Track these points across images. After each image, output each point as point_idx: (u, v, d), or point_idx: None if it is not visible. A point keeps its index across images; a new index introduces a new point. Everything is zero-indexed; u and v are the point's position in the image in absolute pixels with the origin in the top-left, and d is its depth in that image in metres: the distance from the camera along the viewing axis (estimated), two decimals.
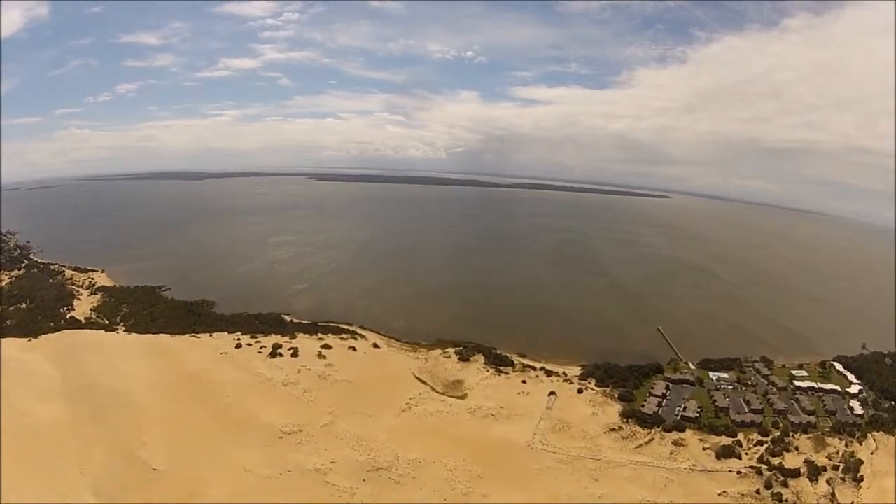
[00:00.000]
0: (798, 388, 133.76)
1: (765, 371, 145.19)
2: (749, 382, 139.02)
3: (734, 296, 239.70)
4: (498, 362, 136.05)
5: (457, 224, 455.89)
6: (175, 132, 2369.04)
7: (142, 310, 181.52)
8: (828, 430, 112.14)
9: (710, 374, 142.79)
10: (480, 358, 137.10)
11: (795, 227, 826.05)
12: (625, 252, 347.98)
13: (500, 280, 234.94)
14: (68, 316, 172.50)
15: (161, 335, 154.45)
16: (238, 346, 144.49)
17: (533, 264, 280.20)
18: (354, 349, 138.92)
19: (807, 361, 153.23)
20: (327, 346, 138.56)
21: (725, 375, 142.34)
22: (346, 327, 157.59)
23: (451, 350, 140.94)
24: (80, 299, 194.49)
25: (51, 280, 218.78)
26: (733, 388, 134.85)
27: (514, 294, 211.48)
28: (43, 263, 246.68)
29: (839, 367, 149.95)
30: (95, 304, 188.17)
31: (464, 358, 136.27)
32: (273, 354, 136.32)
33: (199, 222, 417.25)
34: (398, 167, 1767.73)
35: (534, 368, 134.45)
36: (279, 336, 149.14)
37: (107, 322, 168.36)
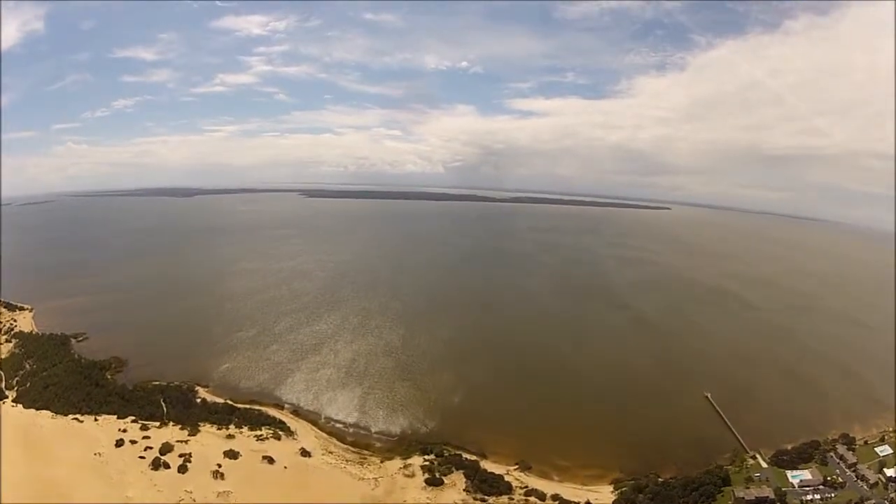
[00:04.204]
0: (890, 479, 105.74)
1: (849, 458, 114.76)
2: (837, 481, 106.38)
3: (774, 327, 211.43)
4: (486, 487, 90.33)
5: (449, 244, 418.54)
6: (172, 148, 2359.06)
7: (42, 369, 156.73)
8: None
9: (789, 474, 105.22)
10: (460, 478, 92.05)
11: (803, 235, 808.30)
12: (637, 274, 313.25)
13: (495, 325, 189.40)
14: None
15: (44, 413, 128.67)
16: (119, 443, 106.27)
17: (536, 296, 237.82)
18: (271, 460, 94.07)
19: (885, 429, 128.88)
20: (233, 455, 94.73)
21: (808, 475, 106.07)
22: (272, 414, 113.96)
23: (415, 461, 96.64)
24: None
25: None
26: (822, 499, 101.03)
27: (512, 348, 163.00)
28: None
29: None
30: (2, 357, 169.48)
31: (434, 480, 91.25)
32: (157, 464, 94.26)
33: (165, 245, 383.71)
34: (395, 182, 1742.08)
35: (542, 497, 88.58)
36: (178, 427, 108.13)
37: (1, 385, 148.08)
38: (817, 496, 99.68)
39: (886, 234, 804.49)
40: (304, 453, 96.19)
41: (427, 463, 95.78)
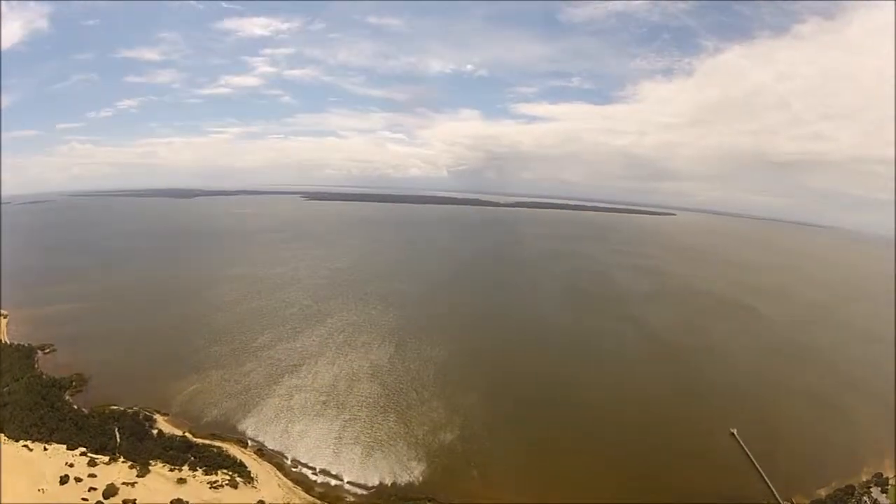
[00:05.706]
0: None
1: (883, 502, 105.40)
2: None
3: (794, 345, 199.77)
4: None
5: (450, 250, 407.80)
6: (176, 149, 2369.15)
7: (4, 385, 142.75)
8: None
9: None
10: None
11: (809, 243, 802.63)
12: (647, 284, 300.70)
13: (493, 344, 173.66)
14: None
15: None
16: (64, 479, 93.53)
17: (540, 309, 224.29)
18: None
19: None
20: None
21: None
22: (232, 453, 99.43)
23: None
24: None
25: None
26: None
27: (511, 373, 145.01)
28: None
29: None
30: None
31: None
32: None
33: (156, 248, 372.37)
34: (399, 186, 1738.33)
35: None
36: (127, 465, 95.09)
37: None
38: None
39: (886, 239, 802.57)
40: None
41: None
